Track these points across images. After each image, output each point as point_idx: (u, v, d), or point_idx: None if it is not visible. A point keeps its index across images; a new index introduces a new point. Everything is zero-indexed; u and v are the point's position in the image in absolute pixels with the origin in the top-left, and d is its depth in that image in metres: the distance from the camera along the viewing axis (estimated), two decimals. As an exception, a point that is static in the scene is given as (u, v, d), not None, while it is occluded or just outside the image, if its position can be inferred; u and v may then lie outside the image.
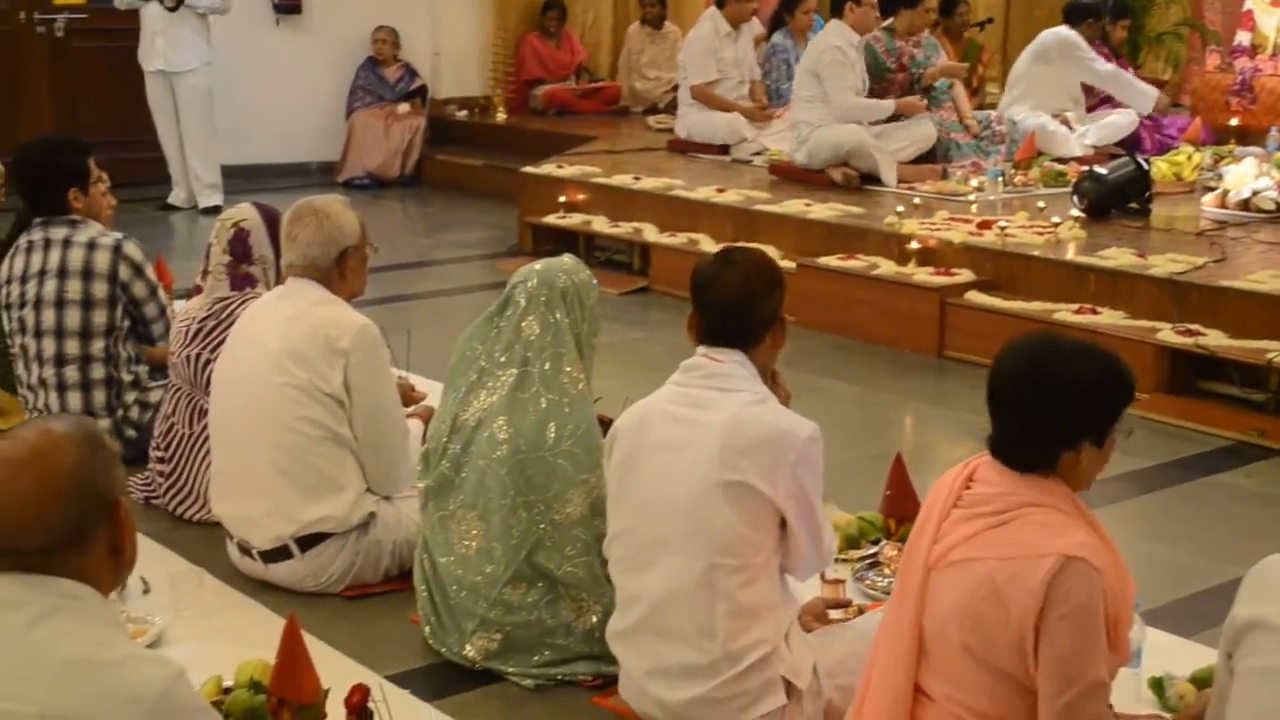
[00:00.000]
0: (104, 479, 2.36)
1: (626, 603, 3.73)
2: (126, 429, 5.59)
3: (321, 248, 4.53)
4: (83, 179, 5.60)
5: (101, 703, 2.20)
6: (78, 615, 2.29)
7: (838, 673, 3.62)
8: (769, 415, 3.58)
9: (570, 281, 4.12)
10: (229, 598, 4.48)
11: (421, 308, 8.55)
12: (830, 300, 7.80)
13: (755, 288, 3.65)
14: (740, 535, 3.52)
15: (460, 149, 13.13)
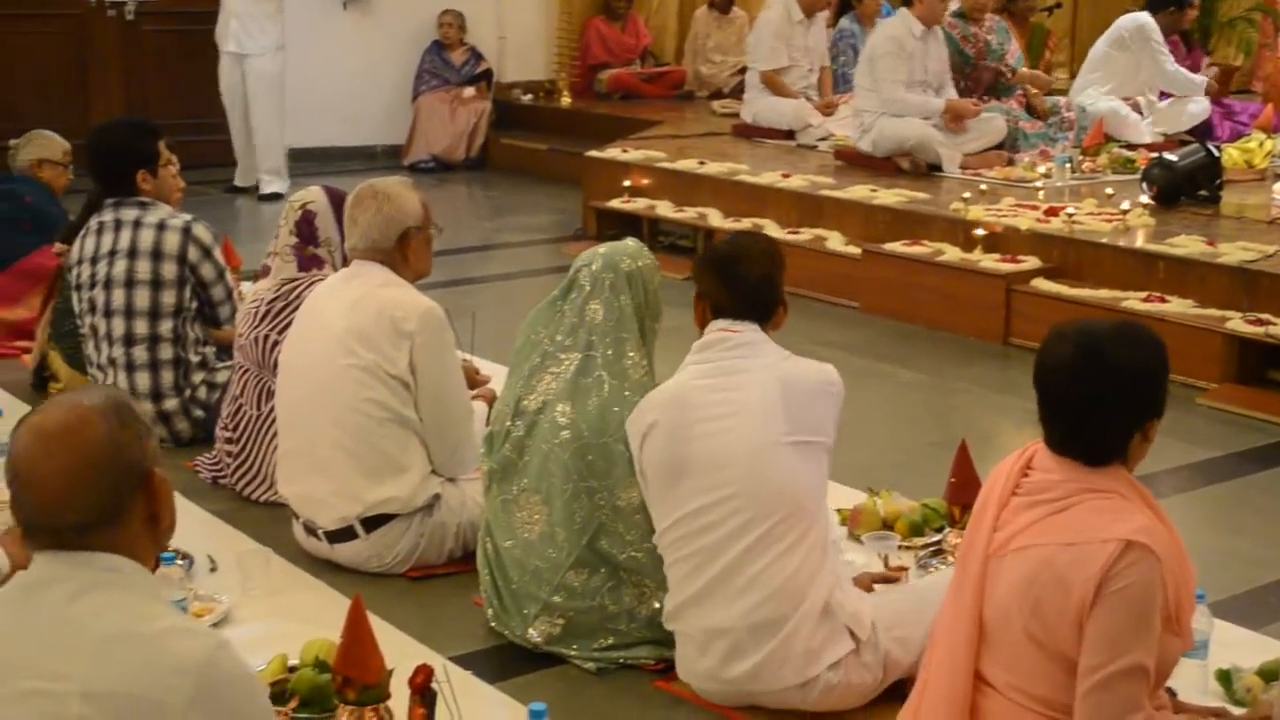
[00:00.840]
0: (136, 450, 2.34)
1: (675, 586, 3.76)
2: (194, 409, 5.64)
3: (382, 230, 4.56)
4: (152, 161, 5.65)
5: (145, 677, 2.18)
6: (118, 589, 2.28)
7: (895, 625, 3.68)
8: (798, 365, 3.74)
9: (634, 265, 4.12)
10: (295, 577, 4.51)
11: (486, 291, 8.57)
12: (895, 286, 7.77)
13: (776, 266, 3.82)
14: (800, 489, 3.62)
15: (525, 133, 13.15)
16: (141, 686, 2.17)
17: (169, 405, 5.59)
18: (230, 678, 2.25)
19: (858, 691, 3.68)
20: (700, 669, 3.76)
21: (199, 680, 2.19)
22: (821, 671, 3.62)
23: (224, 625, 4.13)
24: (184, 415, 5.62)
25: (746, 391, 3.67)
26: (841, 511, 4.86)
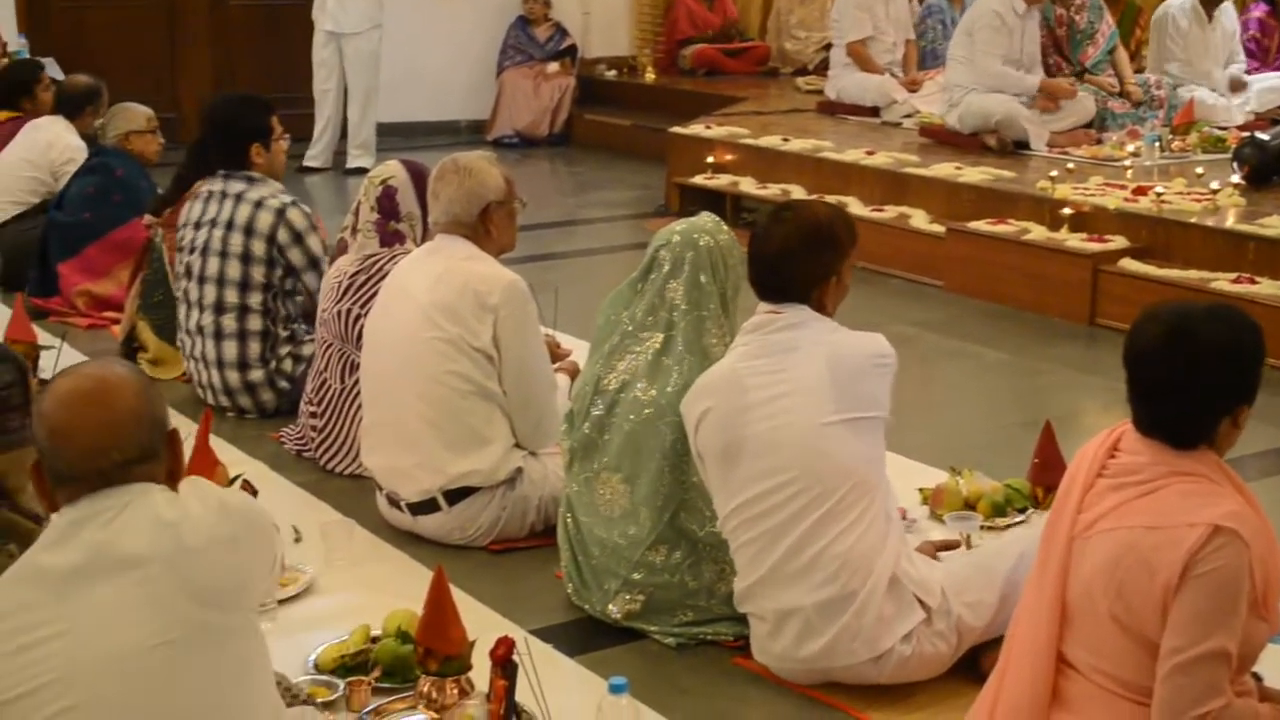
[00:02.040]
0: (160, 408, 2.61)
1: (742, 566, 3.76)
2: (279, 380, 5.70)
3: (464, 204, 4.57)
4: (266, 136, 5.73)
5: (187, 541, 2.48)
6: (152, 494, 2.53)
7: (964, 590, 3.68)
8: (849, 338, 3.70)
9: (713, 242, 4.11)
10: (378, 549, 4.55)
11: (569, 266, 8.59)
12: (980, 265, 7.71)
13: (793, 246, 3.70)
14: (857, 465, 3.60)
15: (609, 108, 13.15)
16: (197, 540, 2.50)
17: (254, 376, 5.66)
18: (245, 510, 2.69)
19: (932, 662, 3.67)
20: (774, 650, 3.76)
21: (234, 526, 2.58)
22: (895, 644, 3.62)
23: (307, 595, 4.17)
24: (269, 386, 5.68)
25: (797, 370, 3.65)
26: (924, 491, 4.84)
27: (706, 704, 3.70)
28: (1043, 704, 3.08)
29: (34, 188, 7.59)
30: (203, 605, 2.49)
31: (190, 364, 5.83)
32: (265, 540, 2.77)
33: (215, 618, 2.51)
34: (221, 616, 2.53)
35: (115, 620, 2.42)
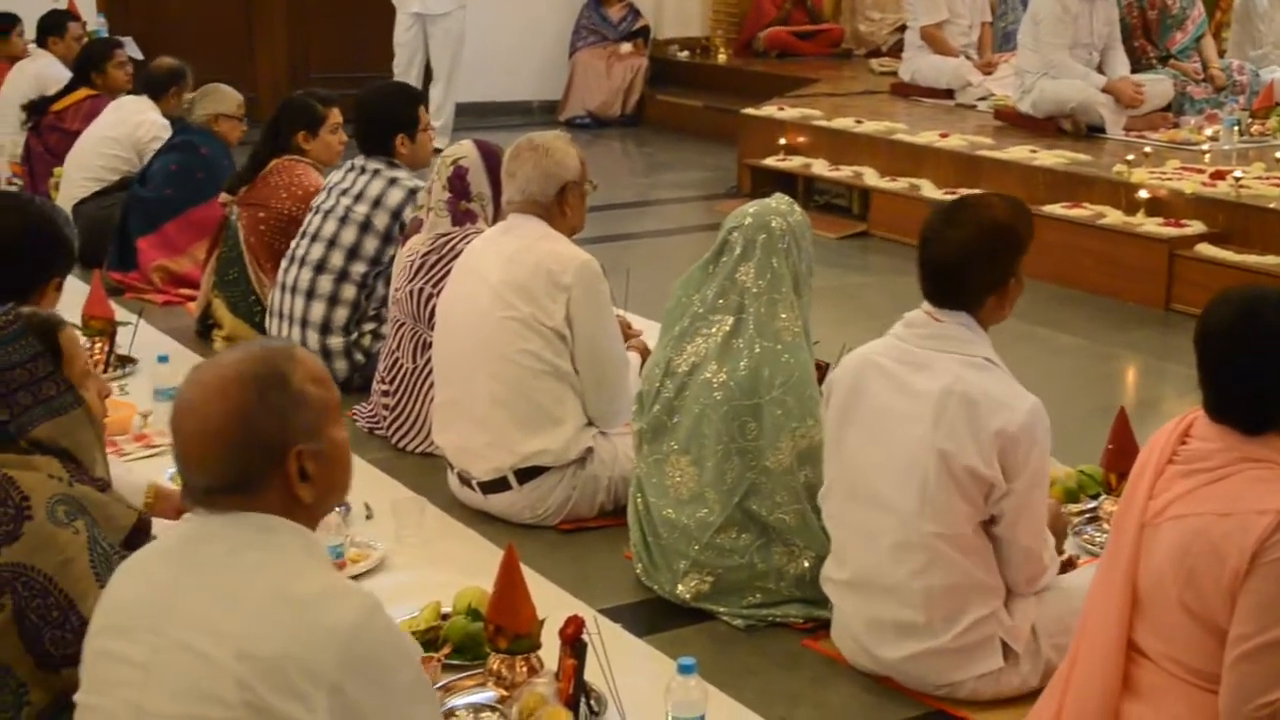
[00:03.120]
0: (274, 426, 2.25)
1: (842, 555, 3.74)
2: (356, 353, 5.75)
3: (540, 184, 4.58)
4: (413, 127, 5.81)
5: (296, 640, 2.15)
6: (272, 549, 2.25)
7: (1055, 632, 3.57)
8: (987, 383, 3.48)
9: (786, 224, 4.08)
10: (449, 527, 4.58)
11: (640, 247, 8.58)
12: (1054, 249, 7.63)
13: (973, 251, 3.49)
14: (953, 505, 3.48)
15: (681, 89, 13.13)
16: (292, 649, 2.15)
17: (333, 342, 5.71)
18: (380, 642, 2.21)
19: (1008, 691, 3.60)
20: (849, 643, 3.76)
21: (348, 645, 2.16)
22: (968, 679, 3.58)
23: (378, 572, 4.20)
24: (345, 356, 5.73)
25: (920, 395, 3.51)
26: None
27: (775, 686, 3.70)
28: (1113, 692, 3.05)
29: (115, 165, 7.67)
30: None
31: (273, 321, 5.89)
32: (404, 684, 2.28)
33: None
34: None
35: (174, 681, 2.21)
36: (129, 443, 5.12)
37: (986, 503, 3.49)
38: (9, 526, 2.76)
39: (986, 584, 3.55)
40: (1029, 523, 3.52)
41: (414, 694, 2.27)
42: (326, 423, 2.33)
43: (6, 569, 2.74)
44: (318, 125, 6.28)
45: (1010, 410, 3.43)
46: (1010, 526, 3.51)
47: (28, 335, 2.88)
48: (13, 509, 2.77)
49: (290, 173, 6.26)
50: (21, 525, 2.77)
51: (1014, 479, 3.45)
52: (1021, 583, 3.58)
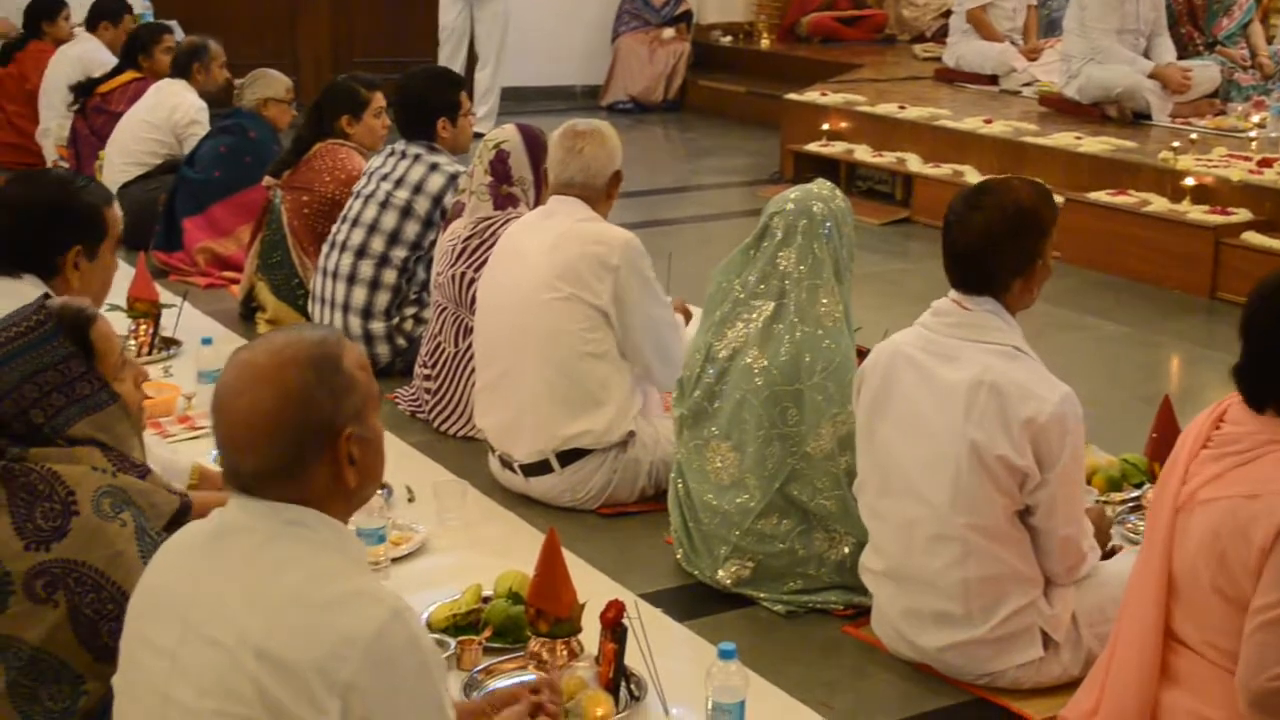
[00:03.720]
0: (327, 407, 2.25)
1: (878, 546, 3.73)
2: (398, 337, 5.77)
3: (601, 166, 4.63)
4: (455, 111, 5.85)
5: (315, 643, 2.14)
6: (301, 544, 2.24)
7: (1096, 620, 3.56)
8: (1017, 373, 3.46)
9: (828, 209, 4.07)
10: (490, 510, 4.59)
11: (682, 232, 8.58)
12: (1098, 237, 7.61)
13: (997, 235, 3.47)
14: (987, 496, 3.47)
15: (723, 75, 13.11)
16: (311, 655, 2.14)
17: (375, 327, 5.74)
18: (400, 650, 2.18)
19: (1049, 680, 3.59)
20: (888, 631, 3.76)
21: (367, 651, 2.15)
22: (1008, 668, 3.57)
23: (420, 555, 4.22)
24: (387, 341, 5.75)
25: (948, 387, 3.49)
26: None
27: (815, 672, 3.70)
28: (1150, 679, 3.04)
29: (155, 149, 7.69)
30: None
31: (314, 306, 5.91)
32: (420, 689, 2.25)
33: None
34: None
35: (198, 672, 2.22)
36: (173, 425, 5.15)
37: (1021, 493, 3.47)
38: (56, 522, 2.77)
39: (1024, 574, 3.53)
40: (1066, 512, 3.51)
41: (427, 705, 2.23)
42: (369, 409, 2.34)
43: (56, 565, 2.75)
44: (361, 109, 6.32)
45: (1040, 400, 3.42)
46: (1046, 516, 3.49)
47: (59, 336, 2.86)
48: (59, 504, 2.78)
49: (333, 156, 6.28)
50: (69, 521, 2.77)
51: (1048, 469, 3.44)
52: (1060, 573, 3.57)
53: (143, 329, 5.88)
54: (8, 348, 2.85)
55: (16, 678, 2.74)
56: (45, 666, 2.75)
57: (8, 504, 2.77)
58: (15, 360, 2.83)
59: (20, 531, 2.76)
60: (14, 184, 3.84)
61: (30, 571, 2.74)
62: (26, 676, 2.75)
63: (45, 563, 2.75)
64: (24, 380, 2.82)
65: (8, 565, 2.74)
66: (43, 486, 2.78)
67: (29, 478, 2.78)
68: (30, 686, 2.75)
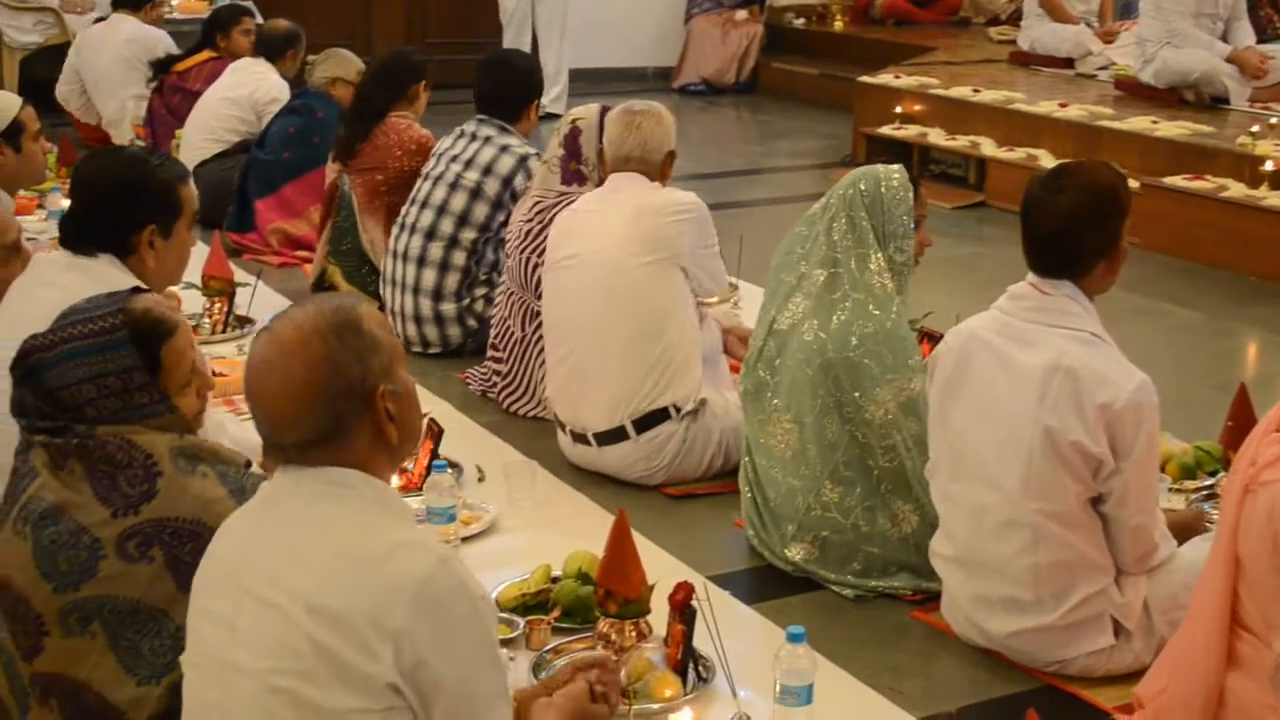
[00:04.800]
0: (358, 369, 2.32)
1: (949, 531, 3.72)
2: (468, 318, 5.80)
3: (658, 143, 4.72)
4: (540, 95, 5.99)
5: (364, 593, 2.21)
6: (345, 502, 2.31)
7: (1169, 608, 3.53)
8: (1093, 359, 3.44)
9: (877, 185, 4.05)
10: (559, 490, 4.60)
11: (753, 215, 8.55)
12: (1174, 222, 7.53)
13: (1081, 216, 3.46)
14: (1060, 482, 3.45)
15: (797, 57, 13.05)
16: (360, 604, 2.20)
17: (446, 308, 5.77)
18: (448, 595, 2.23)
19: (1120, 669, 3.57)
20: (958, 617, 3.74)
21: (416, 597, 2.20)
22: (1078, 656, 3.55)
23: (490, 534, 4.24)
24: (458, 322, 5.78)
25: (1024, 372, 3.47)
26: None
27: (883, 657, 3.69)
28: (1217, 664, 3.00)
29: (234, 127, 7.76)
30: (347, 688, 2.22)
31: (386, 289, 5.95)
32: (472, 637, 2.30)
33: None
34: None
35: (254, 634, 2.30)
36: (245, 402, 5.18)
37: (1095, 480, 3.45)
38: (144, 486, 2.80)
39: (1095, 561, 3.51)
40: (1139, 501, 3.48)
41: (479, 650, 2.28)
42: (396, 364, 2.40)
43: (148, 525, 2.79)
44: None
45: (1116, 387, 3.39)
46: (1119, 505, 3.47)
47: (128, 346, 2.86)
48: (141, 469, 2.81)
49: (396, 130, 6.31)
50: (155, 483, 2.80)
51: (1123, 457, 3.42)
52: (1131, 562, 3.54)
53: (217, 307, 5.94)
54: (78, 342, 2.85)
55: (118, 630, 2.78)
56: (145, 617, 2.79)
57: (87, 476, 2.80)
58: (81, 358, 2.83)
59: (105, 500, 2.79)
60: (88, 163, 3.85)
61: (122, 535, 2.78)
62: (128, 630, 2.79)
63: (136, 524, 2.79)
64: (85, 380, 2.83)
65: (96, 533, 2.77)
66: (120, 455, 2.81)
67: (105, 449, 2.81)
68: (133, 640, 2.79)
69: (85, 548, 2.78)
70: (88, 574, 2.77)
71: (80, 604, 2.78)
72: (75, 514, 2.79)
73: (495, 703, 2.30)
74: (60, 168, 7.75)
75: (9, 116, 4.59)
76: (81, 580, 2.77)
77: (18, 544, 2.82)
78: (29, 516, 2.82)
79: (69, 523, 2.79)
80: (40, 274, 3.63)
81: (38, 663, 2.80)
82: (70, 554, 2.78)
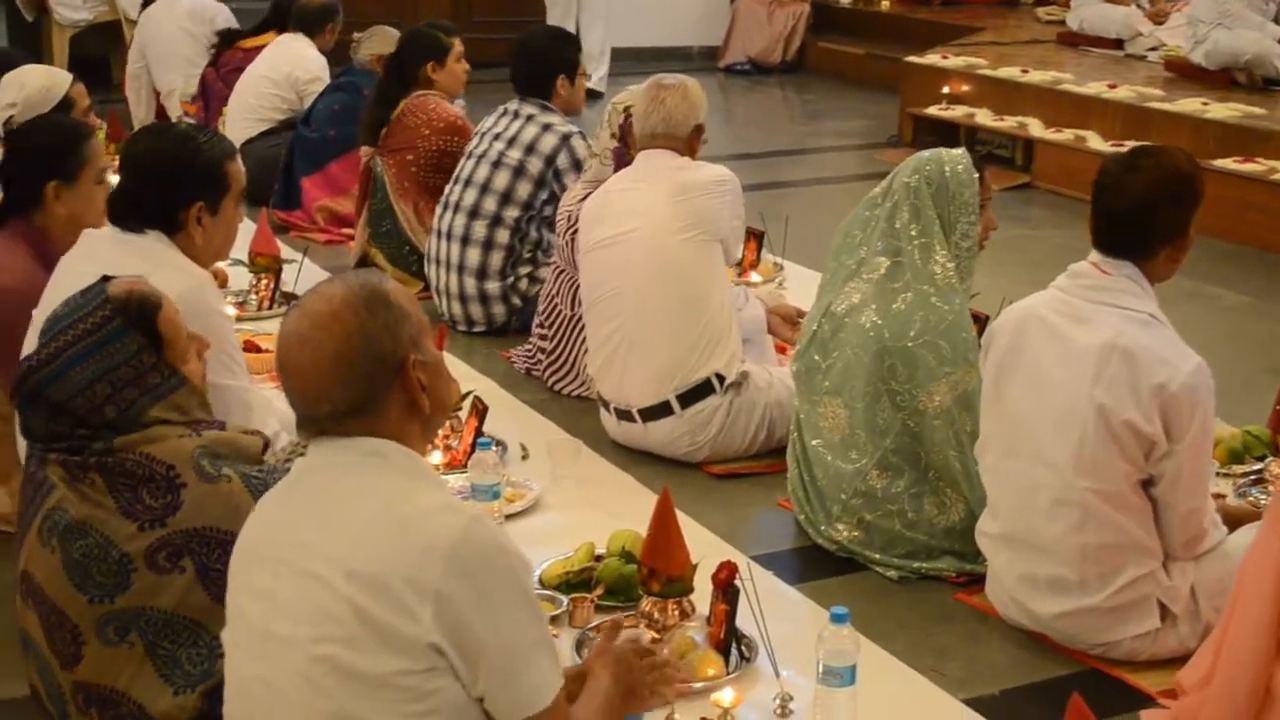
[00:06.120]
0: (388, 340, 2.35)
1: (997, 509, 3.70)
2: (513, 296, 5.80)
3: (683, 118, 4.71)
4: (573, 70, 5.87)
5: (399, 555, 2.24)
6: (379, 471, 2.34)
7: (1215, 593, 3.50)
8: (1150, 340, 3.42)
9: (943, 173, 4.03)
10: (603, 469, 4.61)
11: (798, 195, 8.53)
12: (1224, 205, 7.43)
13: (1155, 198, 3.45)
14: (1111, 462, 3.43)
15: (843, 36, 13.01)
16: (397, 566, 2.24)
17: (490, 287, 5.77)
18: (483, 551, 2.27)
19: (1165, 653, 3.55)
20: (1003, 597, 3.73)
21: (451, 555, 2.23)
22: (1124, 639, 3.53)
23: (534, 512, 4.25)
24: (502, 301, 5.79)
25: (1079, 349, 3.46)
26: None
27: (927, 639, 3.68)
28: (1266, 656, 2.97)
29: (276, 105, 7.77)
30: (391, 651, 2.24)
31: (430, 267, 5.96)
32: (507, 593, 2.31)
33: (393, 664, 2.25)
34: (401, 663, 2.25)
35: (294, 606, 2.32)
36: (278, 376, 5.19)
37: (1147, 462, 3.43)
38: (167, 499, 2.82)
39: (1144, 544, 3.49)
40: (1190, 485, 3.46)
41: (516, 603, 2.30)
42: (424, 335, 2.43)
43: (176, 536, 2.81)
44: (444, 55, 6.36)
45: (1173, 368, 3.38)
46: (1170, 488, 3.45)
47: (129, 332, 2.86)
48: (164, 482, 2.82)
49: (424, 109, 6.31)
50: (180, 495, 2.83)
51: (1176, 440, 3.40)
52: (1179, 546, 3.52)
53: (264, 284, 5.96)
54: (77, 347, 2.85)
55: (155, 640, 2.81)
56: (180, 628, 2.83)
57: (108, 490, 2.82)
58: (86, 361, 2.84)
59: (130, 515, 2.81)
60: (137, 140, 3.87)
61: (150, 548, 2.81)
62: (165, 640, 2.82)
63: (164, 537, 2.81)
64: (96, 379, 2.83)
65: (124, 548, 2.80)
66: (140, 470, 2.83)
67: (124, 465, 2.82)
68: (170, 650, 2.82)
69: (115, 562, 2.80)
70: (121, 587, 2.80)
71: (117, 615, 2.81)
72: (101, 529, 2.81)
73: (536, 651, 2.33)
74: (109, 144, 7.78)
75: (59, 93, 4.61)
76: (116, 593, 2.80)
77: (47, 556, 2.84)
78: (54, 529, 2.84)
79: (96, 537, 2.81)
80: (89, 250, 3.64)
81: (78, 671, 2.83)
82: (101, 566, 2.80)
